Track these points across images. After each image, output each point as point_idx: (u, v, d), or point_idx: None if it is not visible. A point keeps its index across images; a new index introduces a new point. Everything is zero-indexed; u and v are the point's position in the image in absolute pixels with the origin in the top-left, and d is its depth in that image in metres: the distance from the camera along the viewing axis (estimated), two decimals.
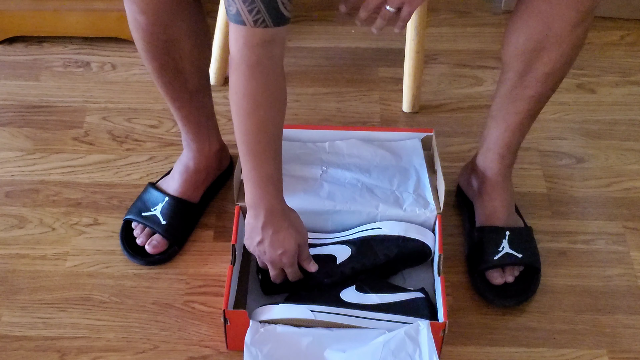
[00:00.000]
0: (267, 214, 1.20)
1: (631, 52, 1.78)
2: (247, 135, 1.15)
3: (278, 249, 1.22)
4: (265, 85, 1.12)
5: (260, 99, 1.13)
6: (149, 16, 1.19)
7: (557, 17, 1.15)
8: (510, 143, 1.33)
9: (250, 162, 1.17)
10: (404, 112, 1.64)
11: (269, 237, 1.21)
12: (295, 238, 1.22)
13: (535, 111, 1.29)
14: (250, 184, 1.19)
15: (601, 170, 1.54)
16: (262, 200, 1.19)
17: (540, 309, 1.32)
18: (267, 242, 1.21)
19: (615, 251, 1.40)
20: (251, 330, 1.17)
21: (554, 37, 1.16)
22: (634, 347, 1.27)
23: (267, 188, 1.19)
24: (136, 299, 1.33)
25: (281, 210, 1.21)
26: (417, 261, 1.32)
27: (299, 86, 1.70)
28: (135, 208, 1.41)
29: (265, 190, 1.19)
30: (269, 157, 1.18)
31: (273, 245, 1.22)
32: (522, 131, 1.32)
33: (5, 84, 1.70)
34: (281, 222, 1.21)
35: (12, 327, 1.29)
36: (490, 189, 1.37)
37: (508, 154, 1.35)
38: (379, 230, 1.30)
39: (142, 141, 1.58)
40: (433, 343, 1.15)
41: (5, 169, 1.52)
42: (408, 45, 1.57)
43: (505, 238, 1.33)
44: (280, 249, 1.22)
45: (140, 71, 1.71)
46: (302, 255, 1.26)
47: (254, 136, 1.15)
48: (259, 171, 1.18)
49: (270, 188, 1.19)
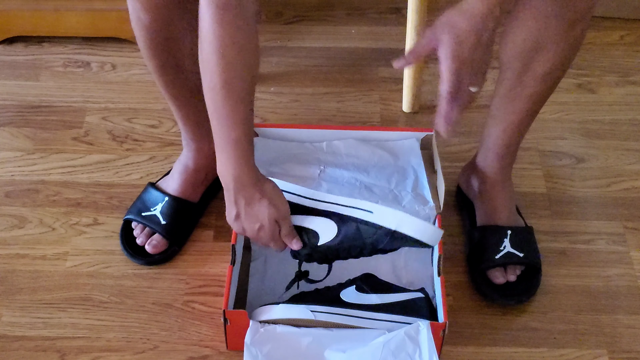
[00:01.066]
0: (236, 185, 1.13)
1: (631, 52, 1.78)
2: (213, 92, 1.09)
3: (255, 224, 1.16)
4: (233, 34, 1.06)
5: (228, 51, 1.06)
6: (151, 14, 1.19)
7: (554, 17, 1.15)
8: (509, 143, 1.33)
9: (216, 124, 1.11)
10: (404, 112, 1.64)
11: (243, 210, 1.15)
12: (269, 212, 1.15)
13: (534, 110, 1.29)
14: (218, 150, 1.13)
15: (601, 170, 1.54)
16: (228, 168, 1.12)
17: (541, 309, 1.32)
18: (243, 216, 1.16)
19: (615, 251, 1.40)
20: (251, 330, 1.17)
21: (551, 36, 1.16)
22: (634, 347, 1.27)
23: (234, 154, 1.11)
24: (136, 299, 1.33)
25: (251, 180, 1.14)
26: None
27: (298, 86, 1.70)
28: (135, 208, 1.41)
29: (231, 156, 1.12)
30: (237, 120, 1.10)
31: (249, 219, 1.15)
32: (522, 130, 1.32)
33: (5, 84, 1.70)
34: (253, 194, 1.14)
35: (12, 327, 1.29)
36: (491, 189, 1.37)
37: (507, 153, 1.35)
38: (371, 216, 1.21)
39: (142, 141, 1.58)
40: (433, 343, 1.15)
41: (5, 169, 1.52)
42: (408, 45, 1.57)
43: (506, 237, 1.33)
44: (257, 223, 1.15)
45: (141, 71, 1.71)
46: (282, 230, 1.18)
47: (220, 94, 1.09)
48: (225, 135, 1.11)
49: (238, 154, 1.11)
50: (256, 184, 1.14)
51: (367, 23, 1.85)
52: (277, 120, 1.61)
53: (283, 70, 1.74)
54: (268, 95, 1.67)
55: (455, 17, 1.02)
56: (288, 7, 1.89)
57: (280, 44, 1.80)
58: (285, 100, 1.66)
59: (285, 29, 1.84)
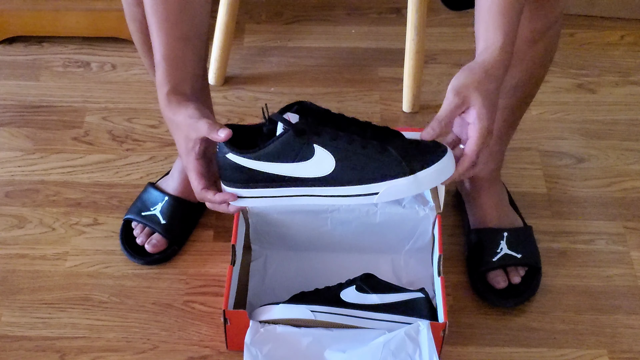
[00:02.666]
0: (161, 108, 1.07)
1: (631, 52, 1.78)
2: (147, 15, 1.08)
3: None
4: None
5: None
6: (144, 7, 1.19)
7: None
8: (491, 150, 1.33)
9: (151, 34, 1.08)
10: (404, 112, 1.64)
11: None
12: (181, 133, 1.05)
13: (512, 121, 1.31)
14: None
15: (601, 170, 1.54)
16: (157, 87, 1.07)
17: (540, 309, 1.32)
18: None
19: (615, 251, 1.40)
20: (251, 330, 1.17)
21: (514, 53, 1.16)
22: (634, 347, 1.27)
23: (156, 76, 1.08)
24: (136, 299, 1.33)
25: (166, 105, 1.06)
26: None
27: (298, 86, 1.70)
28: (135, 208, 1.41)
29: (157, 75, 1.07)
30: (161, 42, 1.07)
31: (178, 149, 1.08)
32: (502, 139, 1.34)
33: (5, 84, 1.70)
34: (168, 121, 1.07)
35: (11, 327, 1.29)
36: (477, 193, 1.38)
37: (491, 160, 1.35)
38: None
39: (142, 141, 1.58)
40: (433, 343, 1.15)
41: (5, 169, 1.52)
42: (408, 45, 1.58)
43: (503, 239, 1.33)
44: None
45: (140, 71, 1.71)
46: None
47: (148, 15, 1.07)
48: (155, 49, 1.08)
49: (158, 74, 1.07)
50: (169, 108, 1.06)
51: (367, 23, 1.85)
52: None
53: (283, 70, 1.74)
54: (268, 95, 1.67)
55: (483, 79, 1.00)
56: (288, 7, 1.89)
57: (280, 44, 1.80)
58: (285, 100, 1.66)
59: (285, 29, 1.84)
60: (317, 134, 1.02)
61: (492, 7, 1.02)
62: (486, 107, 0.99)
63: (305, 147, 1.02)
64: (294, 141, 1.01)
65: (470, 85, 0.99)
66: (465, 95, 0.99)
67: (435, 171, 1.01)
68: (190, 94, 1.07)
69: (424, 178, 1.01)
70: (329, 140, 1.02)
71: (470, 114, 1.00)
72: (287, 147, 1.02)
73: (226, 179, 1.06)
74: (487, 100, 0.99)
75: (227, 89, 1.69)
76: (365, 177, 1.02)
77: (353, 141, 1.02)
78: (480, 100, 0.99)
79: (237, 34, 1.78)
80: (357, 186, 1.02)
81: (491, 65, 1.01)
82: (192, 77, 1.09)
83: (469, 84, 0.99)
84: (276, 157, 1.02)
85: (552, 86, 1.69)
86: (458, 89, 1.00)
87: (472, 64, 1.02)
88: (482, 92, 0.99)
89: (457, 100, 0.99)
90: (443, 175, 1.02)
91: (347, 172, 1.02)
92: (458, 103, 1.00)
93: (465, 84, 0.99)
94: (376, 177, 1.01)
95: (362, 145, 1.02)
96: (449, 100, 1.00)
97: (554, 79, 1.69)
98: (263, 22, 1.86)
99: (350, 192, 1.03)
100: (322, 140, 1.02)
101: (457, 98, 0.99)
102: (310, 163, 1.02)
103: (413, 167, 1.01)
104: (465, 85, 0.99)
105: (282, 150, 1.02)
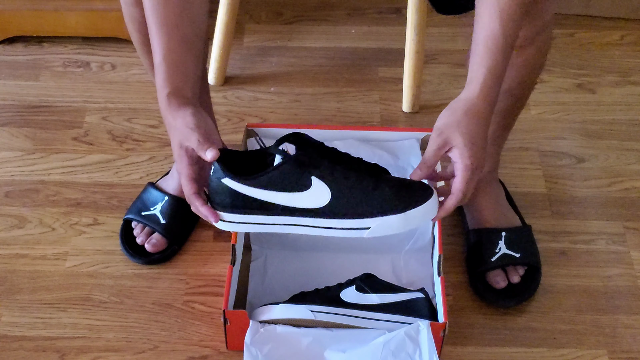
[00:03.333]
0: (160, 110, 1.07)
1: (631, 52, 1.78)
2: (147, 16, 1.08)
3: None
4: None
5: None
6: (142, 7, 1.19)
7: None
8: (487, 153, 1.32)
9: (151, 36, 1.07)
10: (404, 112, 1.64)
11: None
12: (176, 138, 1.06)
13: (506, 124, 1.32)
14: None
15: (601, 170, 1.54)
16: (157, 89, 1.07)
17: (540, 309, 1.32)
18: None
19: (615, 251, 1.40)
20: (251, 330, 1.17)
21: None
22: (634, 347, 1.27)
23: (156, 79, 1.07)
24: (136, 299, 1.33)
25: (163, 106, 1.07)
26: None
27: (298, 86, 1.70)
28: (135, 207, 1.41)
29: (156, 81, 1.07)
30: (160, 44, 1.06)
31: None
32: (497, 142, 1.35)
33: (5, 84, 1.70)
34: (167, 122, 1.07)
35: (11, 327, 1.29)
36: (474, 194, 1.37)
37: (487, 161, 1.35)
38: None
39: (142, 141, 1.58)
40: (433, 343, 1.15)
41: (5, 169, 1.52)
42: (408, 45, 1.58)
43: (501, 239, 1.33)
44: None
45: (140, 71, 1.71)
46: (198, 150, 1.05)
47: (148, 17, 1.07)
48: (155, 51, 1.07)
49: (158, 78, 1.07)
50: (169, 111, 1.06)
51: (367, 23, 1.85)
52: (277, 120, 1.61)
53: (283, 70, 1.74)
54: (268, 95, 1.67)
55: (462, 118, 1.02)
56: (288, 7, 1.89)
57: (280, 44, 1.80)
58: (285, 100, 1.66)
59: (285, 29, 1.84)
60: (317, 166, 1.04)
61: (479, 41, 1.04)
62: (467, 146, 1.01)
63: (303, 178, 1.04)
64: (293, 171, 1.04)
65: (450, 126, 1.02)
66: (447, 136, 1.02)
67: (424, 210, 1.05)
68: (190, 97, 1.07)
69: (414, 216, 1.05)
70: (327, 173, 1.04)
71: (454, 153, 1.03)
72: (286, 177, 1.04)
73: (218, 203, 1.06)
74: (467, 139, 1.01)
75: (227, 88, 1.69)
76: (358, 212, 1.05)
77: (349, 176, 1.05)
78: (460, 140, 1.01)
79: (237, 34, 1.78)
80: (350, 220, 1.05)
81: (472, 102, 1.03)
82: (193, 79, 1.09)
83: (450, 124, 1.02)
84: (273, 185, 1.04)
85: (552, 86, 1.69)
86: (440, 130, 1.03)
87: (454, 102, 1.05)
88: (462, 132, 1.02)
89: (439, 141, 1.03)
90: (429, 214, 1.06)
91: (341, 205, 1.05)
92: (440, 144, 1.03)
93: (447, 124, 1.03)
94: (369, 212, 1.04)
95: (357, 181, 1.05)
96: (433, 141, 1.04)
97: (554, 79, 1.70)
98: (263, 22, 1.86)
99: (342, 225, 1.06)
100: (320, 173, 1.04)
101: (439, 139, 1.03)
102: (306, 194, 1.04)
103: (404, 206, 1.04)
104: (446, 125, 1.03)
105: (280, 180, 1.04)
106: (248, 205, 1.05)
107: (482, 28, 1.04)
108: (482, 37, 1.03)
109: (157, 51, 1.07)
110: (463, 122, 1.02)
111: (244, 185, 1.04)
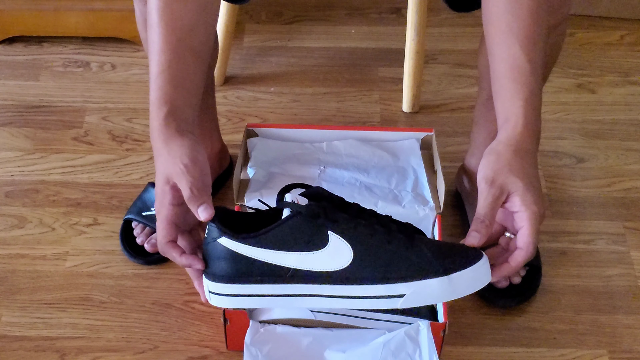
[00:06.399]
0: (151, 129, 0.92)
1: (631, 52, 1.78)
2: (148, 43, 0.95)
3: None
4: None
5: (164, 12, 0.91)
6: None
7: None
8: None
9: (150, 44, 0.94)
10: (404, 112, 1.64)
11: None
12: (163, 169, 0.91)
13: None
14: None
15: (601, 170, 1.54)
16: (151, 106, 0.92)
17: (540, 309, 1.32)
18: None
19: (615, 251, 1.40)
20: (251, 330, 1.17)
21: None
22: (634, 347, 1.27)
23: (153, 91, 0.93)
24: (136, 299, 1.33)
25: (159, 131, 0.92)
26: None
27: (298, 86, 1.70)
28: (135, 207, 1.41)
29: (153, 93, 0.93)
30: (159, 67, 0.92)
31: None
32: None
33: (5, 84, 1.70)
34: (156, 147, 0.92)
35: (11, 327, 1.29)
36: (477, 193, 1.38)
37: None
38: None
39: (142, 141, 1.58)
40: (433, 343, 1.15)
41: (5, 169, 1.52)
42: (408, 45, 1.58)
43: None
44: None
45: (140, 71, 1.71)
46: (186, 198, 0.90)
47: (149, 43, 0.94)
48: (153, 62, 0.93)
49: (154, 94, 0.92)
50: (160, 137, 0.94)
51: (367, 23, 1.85)
52: (277, 120, 1.61)
53: (283, 70, 1.74)
54: (268, 95, 1.67)
55: (514, 160, 0.88)
56: (288, 7, 1.89)
57: (280, 44, 1.80)
58: (285, 100, 1.66)
59: (285, 29, 1.84)
60: (335, 219, 0.87)
61: (501, 75, 0.92)
62: (530, 190, 0.87)
63: (318, 233, 0.86)
64: (305, 226, 0.86)
65: (502, 171, 0.88)
66: (502, 183, 0.88)
67: (472, 274, 0.88)
68: (191, 122, 0.95)
69: (460, 281, 0.88)
70: (347, 228, 0.87)
71: (514, 202, 0.88)
72: (296, 232, 0.86)
73: (213, 272, 0.91)
74: (526, 182, 0.87)
75: (227, 88, 1.69)
76: (388, 275, 0.87)
77: (376, 232, 0.88)
78: (520, 185, 0.87)
79: (237, 34, 1.78)
80: (379, 285, 0.87)
81: (517, 141, 0.89)
82: (196, 97, 0.96)
83: (501, 170, 0.88)
84: (281, 243, 0.87)
85: (552, 86, 1.69)
86: (491, 178, 0.88)
87: (495, 144, 0.90)
88: (518, 174, 0.87)
89: (494, 191, 0.88)
90: (479, 281, 0.89)
91: (367, 267, 0.87)
92: (496, 194, 0.88)
93: (497, 170, 0.88)
94: (402, 276, 0.87)
95: (386, 239, 0.88)
96: (485, 194, 0.88)
97: (554, 79, 1.69)
98: (263, 22, 1.86)
99: (370, 292, 0.88)
100: (339, 228, 0.87)
101: (493, 189, 0.88)
102: (322, 253, 0.87)
103: (447, 267, 0.87)
104: (497, 172, 0.88)
105: (289, 236, 0.86)
106: (250, 272, 0.89)
107: (502, 60, 0.92)
108: (504, 70, 0.91)
109: (156, 61, 0.93)
110: (515, 165, 0.87)
111: (245, 244, 0.88)
